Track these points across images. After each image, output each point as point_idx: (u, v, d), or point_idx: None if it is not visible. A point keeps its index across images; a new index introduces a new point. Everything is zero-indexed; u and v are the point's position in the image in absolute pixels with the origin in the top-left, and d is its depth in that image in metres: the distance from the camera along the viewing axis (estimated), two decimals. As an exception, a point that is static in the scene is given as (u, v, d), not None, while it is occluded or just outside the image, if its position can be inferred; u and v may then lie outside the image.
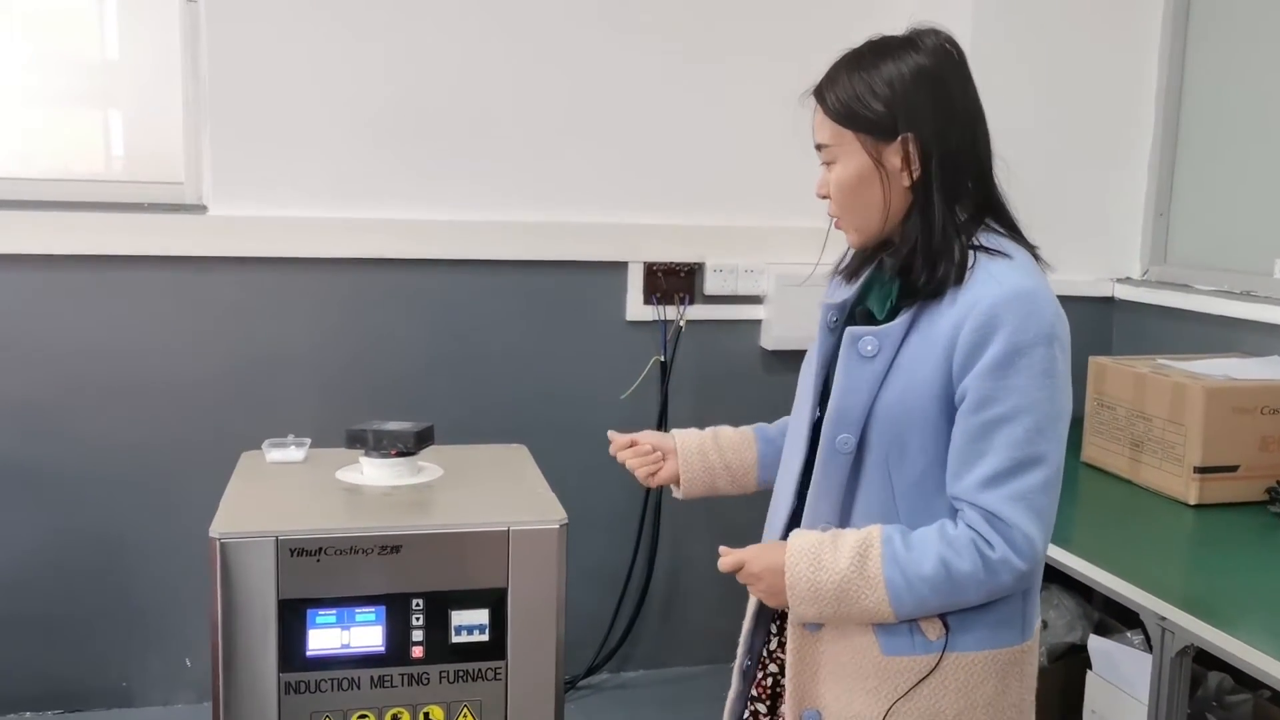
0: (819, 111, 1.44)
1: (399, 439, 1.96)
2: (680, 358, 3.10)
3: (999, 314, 1.33)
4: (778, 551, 1.41)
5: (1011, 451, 1.33)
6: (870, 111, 1.39)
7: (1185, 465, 2.25)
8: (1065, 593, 2.59)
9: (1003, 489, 1.33)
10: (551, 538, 1.81)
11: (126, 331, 2.81)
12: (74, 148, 2.92)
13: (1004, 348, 1.32)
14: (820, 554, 1.38)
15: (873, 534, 1.38)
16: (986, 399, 1.33)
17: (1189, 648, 1.75)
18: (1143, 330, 2.96)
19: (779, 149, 2.64)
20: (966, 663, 1.41)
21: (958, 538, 1.35)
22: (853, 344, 1.43)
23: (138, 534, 2.86)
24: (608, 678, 3.21)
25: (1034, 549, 1.35)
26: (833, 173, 1.44)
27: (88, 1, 2.87)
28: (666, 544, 3.18)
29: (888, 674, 1.42)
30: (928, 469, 1.39)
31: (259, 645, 1.72)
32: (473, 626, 1.78)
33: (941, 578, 1.34)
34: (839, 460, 1.43)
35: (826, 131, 1.43)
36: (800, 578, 1.38)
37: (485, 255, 2.95)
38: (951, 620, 1.40)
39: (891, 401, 1.39)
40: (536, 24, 2.92)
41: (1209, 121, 2.91)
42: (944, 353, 1.36)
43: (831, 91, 1.42)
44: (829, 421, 1.43)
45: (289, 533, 1.72)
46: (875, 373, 1.40)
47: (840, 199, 1.44)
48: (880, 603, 1.36)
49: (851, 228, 1.47)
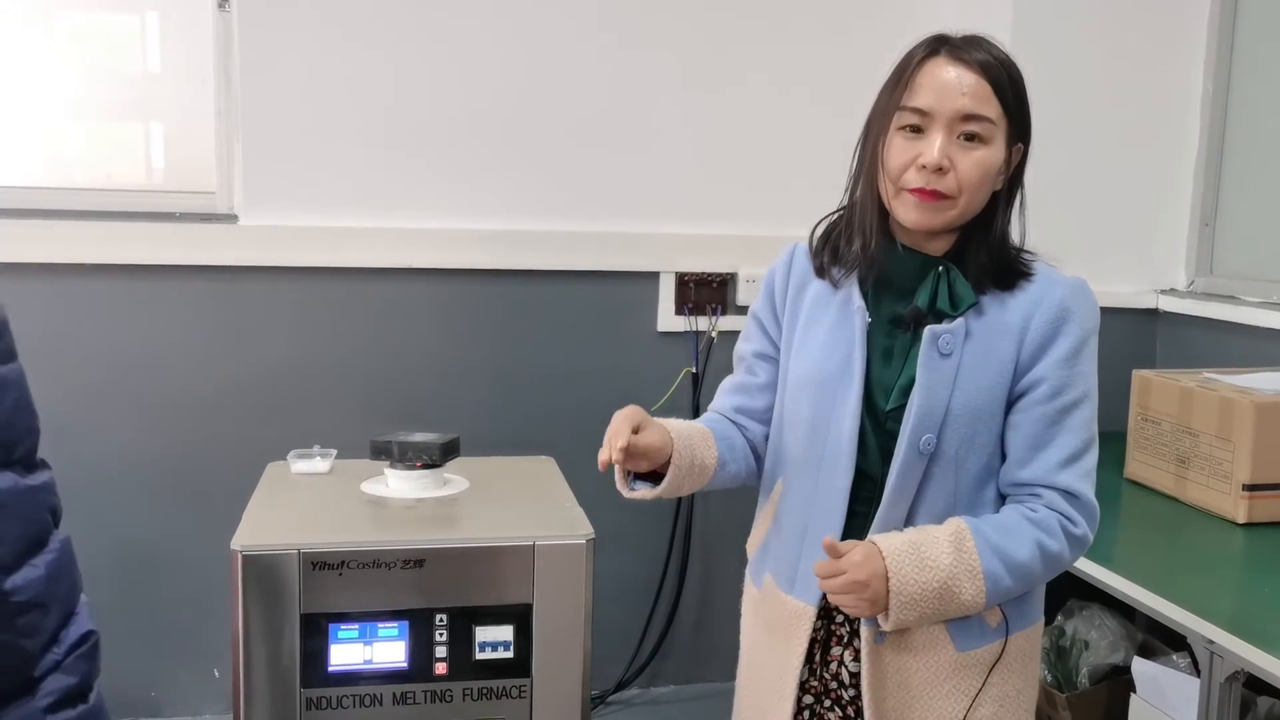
0: (982, 82, 1.35)
1: (424, 451, 1.94)
2: (712, 369, 3.05)
3: (1070, 307, 1.40)
4: (874, 556, 1.34)
5: (1082, 433, 1.41)
6: (1027, 109, 1.41)
7: (1233, 483, 2.17)
8: (1107, 612, 2.52)
9: (1075, 468, 1.40)
10: (578, 553, 1.77)
11: (157, 341, 2.80)
12: (111, 159, 2.92)
13: (1075, 338, 1.39)
14: (921, 552, 1.34)
15: (960, 526, 1.37)
16: (1062, 386, 1.39)
17: (1239, 672, 1.68)
18: (1188, 343, 2.90)
19: (813, 159, 2.60)
20: (1021, 641, 1.46)
21: (1045, 520, 1.38)
22: (933, 342, 1.39)
23: (166, 544, 2.85)
24: (638, 693, 3.17)
25: (1098, 521, 1.43)
26: (978, 151, 1.36)
27: (126, 15, 2.89)
28: (697, 558, 3.14)
29: (965, 670, 1.43)
30: (988, 462, 1.42)
31: (281, 659, 1.69)
32: (497, 643, 1.75)
33: (1035, 560, 1.37)
34: (920, 462, 1.39)
35: (993, 108, 1.36)
36: (907, 580, 1.33)
37: (516, 265, 2.93)
38: (1007, 605, 1.43)
39: (966, 398, 1.39)
40: (569, 33, 2.90)
41: (1256, 129, 2.85)
42: (1013, 345, 1.39)
43: (1002, 70, 1.37)
44: (915, 424, 1.38)
45: (311, 545, 1.69)
46: (952, 370, 1.39)
47: (979, 180, 1.37)
48: (976, 594, 1.35)
49: (959, 210, 1.38)
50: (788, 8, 3.00)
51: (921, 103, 1.37)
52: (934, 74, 1.37)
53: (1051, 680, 2.50)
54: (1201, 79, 2.92)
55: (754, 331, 1.60)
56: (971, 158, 1.36)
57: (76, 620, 0.91)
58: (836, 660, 1.49)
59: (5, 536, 0.86)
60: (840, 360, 1.45)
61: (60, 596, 0.89)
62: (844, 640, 1.48)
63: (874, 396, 1.43)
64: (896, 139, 1.39)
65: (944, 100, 1.36)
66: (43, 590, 0.88)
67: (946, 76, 1.36)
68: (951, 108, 1.35)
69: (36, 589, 0.88)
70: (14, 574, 0.86)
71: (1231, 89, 2.90)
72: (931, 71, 1.37)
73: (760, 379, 1.58)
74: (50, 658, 0.89)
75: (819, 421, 1.46)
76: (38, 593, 0.88)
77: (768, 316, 1.58)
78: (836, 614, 1.48)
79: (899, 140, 1.39)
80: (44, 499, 0.89)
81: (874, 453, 1.43)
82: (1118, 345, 3.01)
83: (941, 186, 1.37)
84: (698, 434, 1.51)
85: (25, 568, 0.87)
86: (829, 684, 1.50)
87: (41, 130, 2.83)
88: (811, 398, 1.47)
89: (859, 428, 1.42)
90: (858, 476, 1.43)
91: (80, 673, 0.90)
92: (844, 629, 1.48)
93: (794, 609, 1.49)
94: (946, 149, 1.35)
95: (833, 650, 1.49)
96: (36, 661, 0.88)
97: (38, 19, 2.80)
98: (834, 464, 1.44)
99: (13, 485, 0.88)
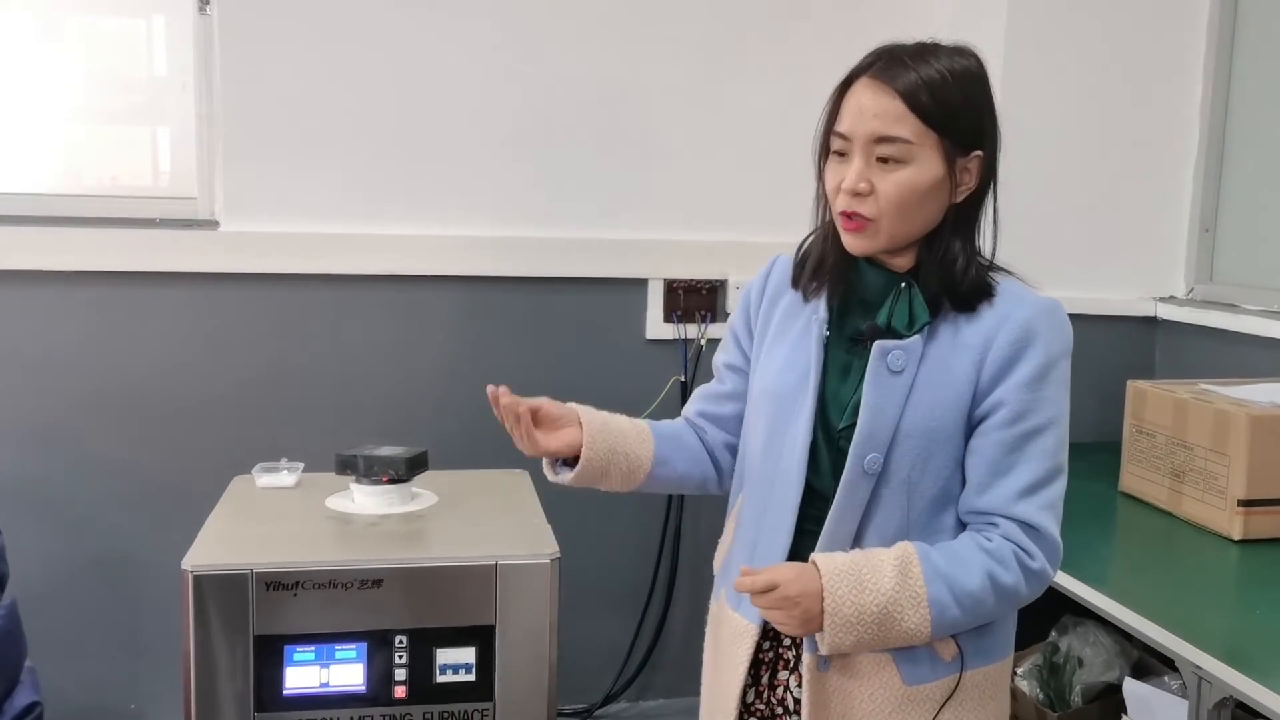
0: (895, 102, 1.32)
1: (390, 465, 1.89)
2: (701, 377, 3.00)
3: (1035, 328, 1.34)
4: (810, 574, 1.30)
5: (1044, 461, 1.35)
6: (965, 120, 1.34)
7: (1228, 498, 2.11)
8: (1101, 630, 2.46)
9: (1036, 499, 1.34)
10: (543, 572, 1.73)
11: (136, 349, 2.78)
12: (91, 165, 2.90)
13: (1039, 361, 1.34)
14: (861, 575, 1.29)
15: (908, 550, 1.32)
16: (1024, 411, 1.33)
17: (1227, 699, 1.62)
18: (1187, 352, 2.84)
19: (803, 165, 2.54)
20: (979, 679, 1.41)
21: (998, 550, 1.32)
22: (882, 358, 1.35)
23: (146, 554, 2.82)
24: (626, 706, 3.12)
25: (1060, 557, 1.37)
26: (898, 172, 1.32)
27: (108, 20, 2.86)
28: (685, 570, 3.09)
29: (913, 704, 1.38)
30: (944, 485, 1.37)
31: (235, 682, 1.65)
32: (459, 665, 1.71)
33: (987, 592, 1.31)
34: (866, 481, 1.35)
35: (908, 127, 1.31)
36: (843, 601, 1.28)
37: (502, 272, 2.89)
38: (963, 639, 1.38)
39: (918, 418, 1.35)
40: (554, 39, 2.86)
41: (1256, 135, 2.80)
42: (972, 366, 1.35)
43: (922, 87, 1.31)
44: (858, 441, 1.34)
45: (265, 565, 1.65)
46: (903, 388, 1.35)
47: (900, 202, 1.33)
48: (920, 623, 1.30)
49: (886, 234, 1.35)
50: (781, 16, 2.97)
51: (843, 127, 1.36)
52: (854, 98, 1.36)
53: (1044, 699, 2.44)
54: (1201, 85, 2.88)
55: (728, 342, 1.60)
56: (890, 179, 1.33)
57: (21, 690, 0.86)
58: (783, 685, 1.46)
59: None
60: (798, 374, 1.42)
61: (4, 666, 0.84)
62: (790, 665, 1.45)
63: (829, 413, 1.40)
64: (830, 163, 1.39)
65: (858, 124, 1.34)
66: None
67: (865, 100, 1.34)
68: (864, 130, 1.33)
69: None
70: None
71: (1231, 95, 2.86)
72: (853, 95, 1.36)
73: (726, 387, 1.59)
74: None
75: (774, 435, 1.44)
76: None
77: (742, 329, 1.58)
78: (784, 637, 1.44)
79: (831, 164, 1.39)
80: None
81: (826, 471, 1.39)
82: (1116, 354, 2.97)
83: (862, 209, 1.34)
84: (629, 427, 1.53)
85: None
86: (775, 709, 1.47)
87: (16, 137, 2.80)
88: (769, 411, 1.45)
89: (810, 444, 1.39)
90: (810, 494, 1.40)
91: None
92: (790, 653, 1.45)
93: (738, 626, 1.47)
94: (864, 173, 1.34)
95: (779, 674, 1.46)
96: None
97: (13, 24, 2.77)
98: (785, 480, 1.41)
99: None
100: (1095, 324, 2.81)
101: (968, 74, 1.36)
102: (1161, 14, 2.84)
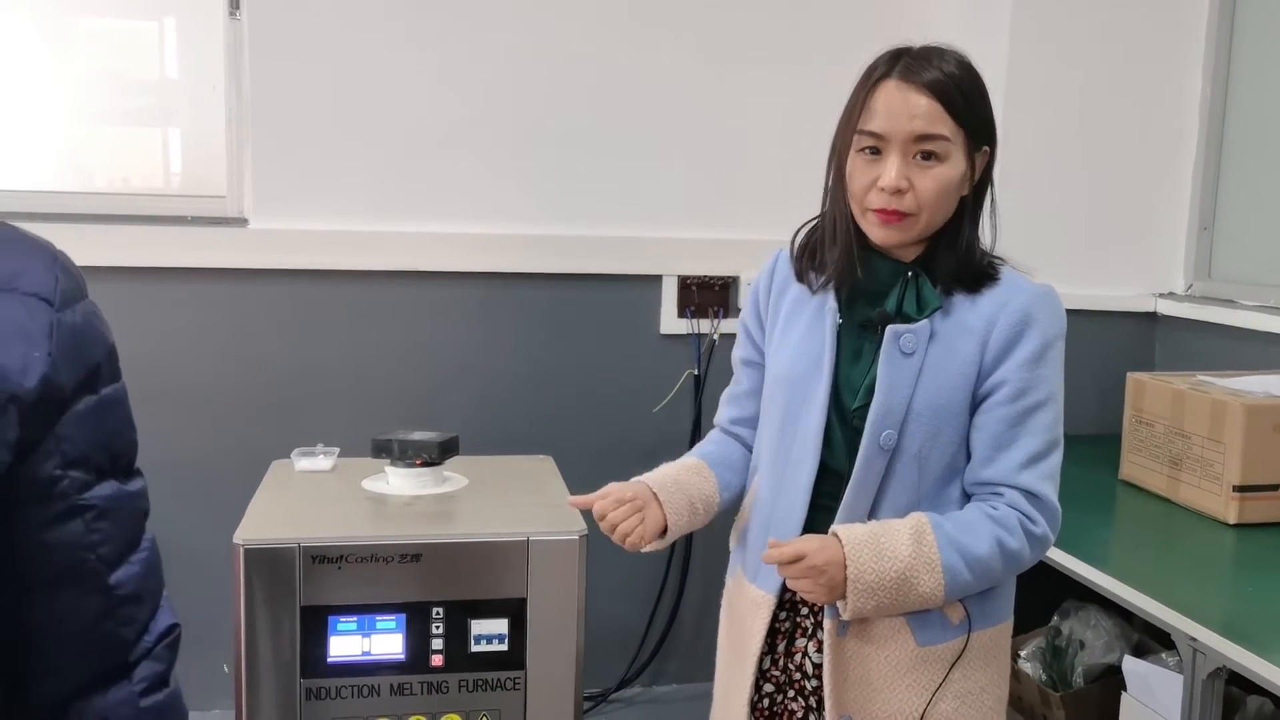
0: (932, 102, 1.39)
1: (423, 449, 1.98)
2: (714, 371, 3.08)
3: (1032, 312, 1.44)
4: (833, 545, 1.39)
5: (1044, 435, 1.44)
6: (985, 115, 1.45)
7: (1224, 484, 2.19)
8: (1103, 613, 2.54)
9: (1037, 469, 1.43)
10: (572, 548, 1.81)
11: (169, 342, 2.84)
12: (125, 164, 2.98)
13: (1038, 342, 1.43)
14: (880, 544, 1.39)
15: (921, 519, 1.41)
16: (1025, 388, 1.42)
17: (1220, 669, 1.70)
18: (1186, 347, 2.90)
19: (815, 162, 2.62)
20: (986, 639, 1.50)
21: (1005, 517, 1.41)
22: (894, 341, 1.44)
23: (176, 540, 2.87)
24: (640, 691, 3.19)
25: (1059, 523, 1.46)
26: (936, 168, 1.40)
27: (141, 21, 2.94)
28: (699, 557, 3.15)
29: (926, 664, 1.46)
30: (951, 460, 1.46)
31: (282, 651, 1.74)
32: (492, 636, 1.79)
33: (995, 556, 1.40)
34: (881, 457, 1.44)
35: (946, 125, 1.40)
36: (865, 568, 1.37)
37: (520, 269, 2.95)
38: (969, 603, 1.47)
39: (928, 396, 1.43)
40: (571, 38, 2.93)
41: (1255, 132, 2.85)
42: (976, 347, 1.44)
43: (952, 86, 1.40)
44: (874, 419, 1.43)
45: (311, 539, 1.74)
46: (914, 369, 1.43)
47: (938, 196, 1.41)
48: (935, 587, 1.39)
49: (922, 225, 1.43)
50: (792, 16, 3.02)
51: (876, 127, 1.41)
52: (886, 98, 1.41)
53: (1046, 680, 2.52)
54: (1200, 82, 2.92)
55: (742, 339, 1.68)
56: (929, 175, 1.41)
57: (162, 612, 1.01)
58: (801, 651, 1.53)
59: (110, 537, 0.97)
60: (812, 359, 1.50)
61: (151, 590, 0.99)
62: (808, 631, 1.52)
63: (842, 395, 1.48)
64: (858, 161, 1.45)
65: (896, 124, 1.40)
66: (138, 585, 0.99)
67: (898, 100, 1.40)
68: (905, 131, 1.40)
69: (134, 584, 0.98)
70: (117, 570, 0.97)
71: (1230, 92, 2.90)
72: (884, 95, 1.42)
73: (746, 386, 1.66)
74: (142, 645, 0.99)
75: (789, 417, 1.52)
76: (135, 587, 0.98)
77: (753, 323, 1.65)
78: (802, 605, 1.52)
79: (860, 162, 1.44)
80: (139, 503, 1.02)
81: (840, 449, 1.48)
82: (1116, 348, 3.03)
83: (902, 206, 1.42)
84: (693, 475, 1.59)
85: (125, 565, 0.98)
86: (792, 674, 1.54)
87: (55, 135, 2.88)
88: (784, 394, 1.53)
89: (825, 424, 1.47)
90: (825, 472, 1.48)
91: (166, 660, 1.01)
92: (809, 620, 1.52)
93: (755, 597, 1.55)
94: (904, 171, 1.40)
95: (797, 641, 1.54)
96: (132, 649, 0.98)
97: (51, 24, 2.85)
98: (800, 458, 1.49)
99: (116, 492, 1.00)
100: (1096, 319, 2.86)
101: (975, 73, 1.45)
102: (1161, 12, 2.88)
